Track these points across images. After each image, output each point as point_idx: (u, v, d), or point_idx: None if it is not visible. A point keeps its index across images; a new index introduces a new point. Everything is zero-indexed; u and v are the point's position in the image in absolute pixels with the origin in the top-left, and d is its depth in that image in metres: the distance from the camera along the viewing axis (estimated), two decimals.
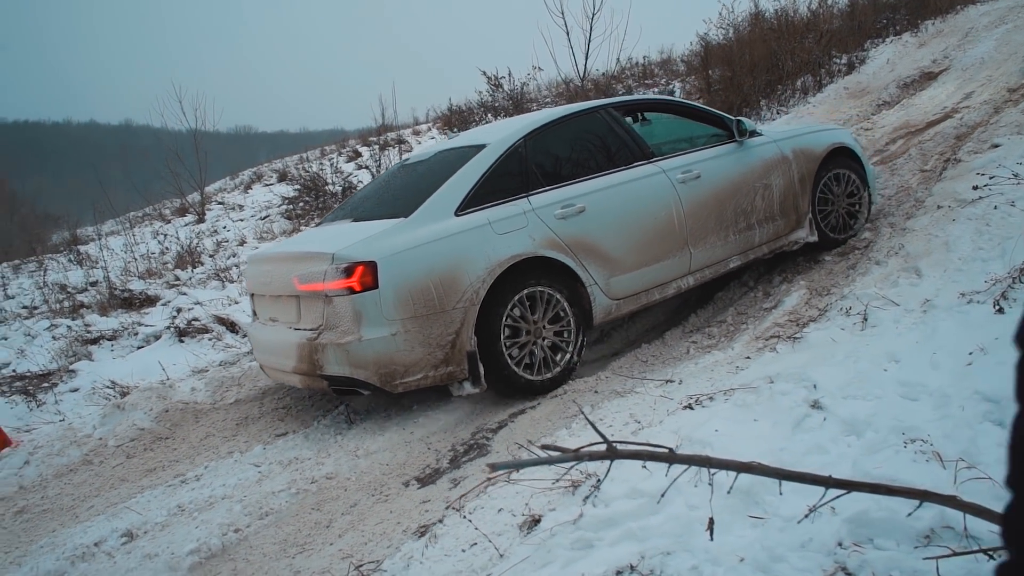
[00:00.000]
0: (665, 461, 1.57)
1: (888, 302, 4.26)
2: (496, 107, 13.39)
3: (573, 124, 4.90)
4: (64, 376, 6.03)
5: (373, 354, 3.91)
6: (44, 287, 10.06)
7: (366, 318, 3.90)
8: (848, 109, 9.75)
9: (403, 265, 3.98)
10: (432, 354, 4.03)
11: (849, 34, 12.06)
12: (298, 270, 4.16)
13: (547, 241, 4.36)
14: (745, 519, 2.56)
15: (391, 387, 3.98)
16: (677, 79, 14.21)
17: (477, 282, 4.10)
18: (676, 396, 3.82)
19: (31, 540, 3.67)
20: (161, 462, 4.30)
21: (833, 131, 5.99)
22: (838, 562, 2.25)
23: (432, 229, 4.13)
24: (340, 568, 2.95)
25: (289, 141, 45.96)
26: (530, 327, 4.30)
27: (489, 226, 4.24)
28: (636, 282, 4.72)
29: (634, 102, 5.49)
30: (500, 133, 4.71)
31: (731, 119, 5.33)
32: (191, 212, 15.74)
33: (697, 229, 4.95)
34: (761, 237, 5.33)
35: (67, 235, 15.65)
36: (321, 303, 4.03)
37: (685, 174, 4.93)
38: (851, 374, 3.42)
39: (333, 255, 3.96)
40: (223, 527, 3.42)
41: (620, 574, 2.44)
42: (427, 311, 3.99)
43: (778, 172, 5.40)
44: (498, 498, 3.14)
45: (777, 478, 1.65)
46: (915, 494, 1.68)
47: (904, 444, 2.75)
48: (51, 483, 4.20)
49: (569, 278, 4.45)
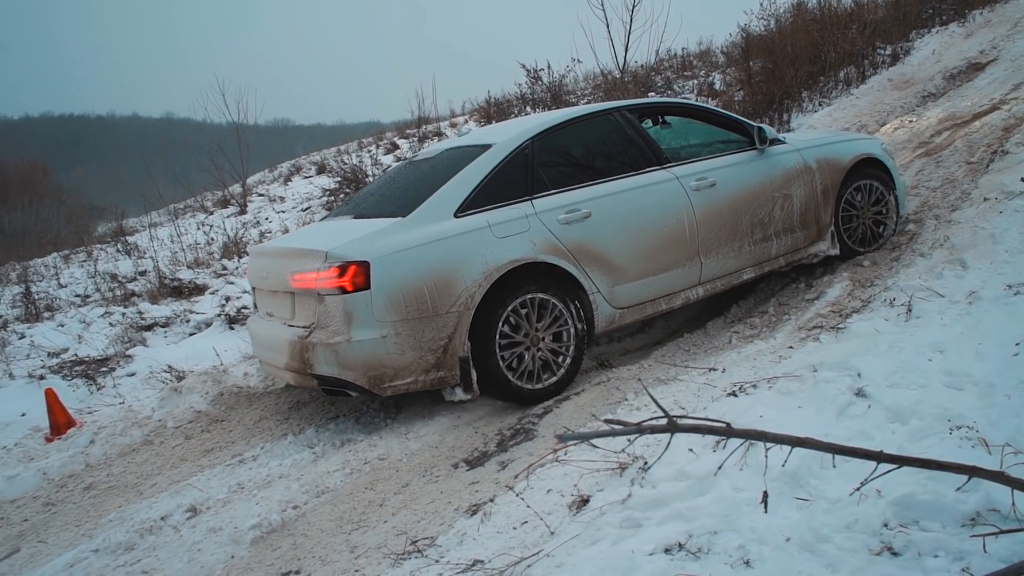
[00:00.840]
0: (723, 435, 1.65)
1: (933, 293, 4.28)
2: (535, 99, 13.45)
3: (584, 126, 4.77)
4: (121, 361, 6.26)
5: (362, 356, 3.86)
6: (96, 276, 10.37)
7: (357, 319, 3.84)
8: (892, 101, 9.66)
9: (397, 266, 3.91)
10: (423, 358, 3.96)
11: (894, 24, 11.90)
12: (293, 266, 4.12)
13: (549, 246, 4.26)
14: (791, 501, 2.63)
15: (380, 390, 3.93)
16: (717, 71, 14.12)
17: (473, 286, 4.02)
18: (719, 384, 3.89)
19: (99, 515, 3.86)
20: (218, 443, 4.47)
21: (861, 141, 5.80)
22: (884, 542, 2.31)
23: (429, 230, 4.05)
24: (395, 543, 3.08)
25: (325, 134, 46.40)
26: (529, 334, 4.21)
27: (488, 229, 4.15)
28: (642, 291, 4.60)
29: (650, 105, 5.34)
30: (507, 133, 4.60)
31: (752, 125, 5.19)
32: (233, 204, 16.04)
33: (709, 239, 4.82)
34: (778, 249, 5.18)
35: (113, 226, 16.05)
36: (314, 301, 3.99)
37: (699, 181, 4.80)
38: (895, 363, 3.46)
39: (327, 253, 3.90)
40: (282, 504, 3.57)
41: (668, 551, 2.52)
42: (420, 314, 3.92)
43: (799, 182, 5.24)
44: (547, 479, 3.23)
45: (830, 452, 1.73)
46: (964, 469, 1.75)
47: (950, 431, 2.80)
48: (115, 462, 4.39)
49: (571, 285, 4.36)
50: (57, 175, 35.17)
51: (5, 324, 8.49)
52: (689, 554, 2.48)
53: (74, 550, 3.49)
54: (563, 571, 2.49)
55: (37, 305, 9.23)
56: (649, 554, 2.51)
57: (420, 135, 15.87)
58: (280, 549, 3.26)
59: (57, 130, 70.00)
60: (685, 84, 13.76)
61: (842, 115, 9.60)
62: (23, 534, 3.79)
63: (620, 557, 2.51)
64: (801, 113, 10.34)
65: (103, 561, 3.37)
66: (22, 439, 4.87)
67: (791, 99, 10.51)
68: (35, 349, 7.03)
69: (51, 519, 3.90)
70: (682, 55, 16.43)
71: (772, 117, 10.32)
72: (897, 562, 2.24)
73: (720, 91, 11.98)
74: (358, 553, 3.12)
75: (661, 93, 13.34)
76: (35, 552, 3.59)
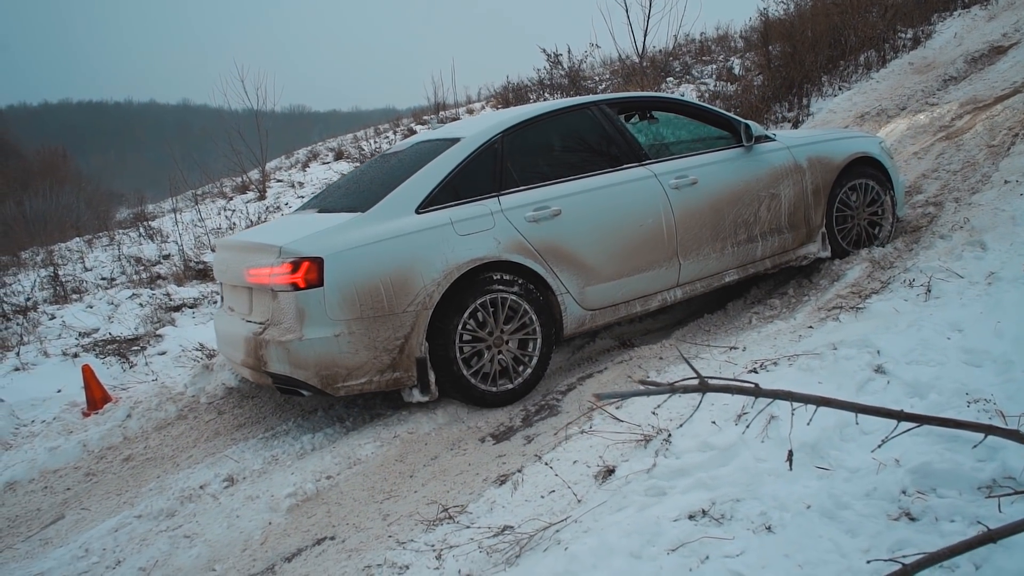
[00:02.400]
0: (751, 395, 1.74)
1: (952, 274, 4.33)
2: (553, 84, 13.51)
3: (559, 121, 4.63)
4: (152, 340, 6.42)
5: (314, 355, 3.77)
6: (120, 260, 10.57)
7: (309, 316, 3.76)
8: (912, 84, 9.63)
9: (352, 263, 3.81)
10: (378, 358, 3.87)
11: (915, 7, 11.83)
12: (249, 261, 4.06)
13: (514, 245, 4.14)
14: (812, 470, 2.72)
15: (332, 390, 3.84)
16: (735, 55, 14.09)
17: (431, 285, 3.92)
18: (740, 361, 3.97)
19: (139, 484, 4.00)
20: (251, 417, 4.60)
21: (857, 139, 5.59)
22: (902, 508, 2.40)
23: (388, 226, 3.95)
24: (427, 511, 3.19)
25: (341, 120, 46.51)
26: (492, 334, 4.11)
27: (451, 226, 4.04)
28: (614, 292, 4.47)
29: (630, 99, 5.10)
30: (477, 127, 4.49)
31: (739, 122, 5.00)
32: (252, 189, 16.20)
33: (689, 239, 4.66)
34: (764, 250, 5.00)
35: (133, 211, 16.27)
36: (269, 297, 3.93)
37: (679, 179, 4.65)
38: (914, 341, 3.53)
39: (280, 248, 3.82)
40: (316, 474, 3.69)
41: (692, 518, 2.61)
42: (374, 313, 3.82)
43: (788, 181, 5.05)
44: (572, 451, 3.34)
45: (853, 411, 1.82)
46: (981, 427, 1.83)
47: (967, 404, 2.88)
48: (152, 435, 4.54)
49: (539, 285, 4.23)
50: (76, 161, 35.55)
51: (35, 305, 8.69)
52: (712, 520, 2.58)
53: (117, 516, 3.64)
54: (591, 535, 2.59)
55: (65, 287, 9.44)
56: (674, 520, 2.61)
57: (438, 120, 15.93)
58: (315, 516, 3.39)
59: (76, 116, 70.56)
60: (703, 69, 13.75)
61: (862, 99, 9.59)
62: (67, 502, 3.95)
63: (646, 522, 2.61)
64: (821, 97, 10.33)
65: (146, 526, 3.51)
66: (60, 413, 5.03)
67: (811, 83, 10.50)
68: (66, 329, 7.21)
69: (93, 488, 4.05)
70: (700, 40, 16.40)
71: (791, 102, 10.33)
72: (915, 526, 2.33)
73: (739, 76, 11.96)
74: (390, 520, 3.24)
75: (679, 78, 13.35)
76: (79, 518, 3.75)
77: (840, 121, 9.16)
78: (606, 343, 5.00)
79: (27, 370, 5.97)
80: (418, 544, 2.92)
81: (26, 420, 5.13)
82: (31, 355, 6.28)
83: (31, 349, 6.43)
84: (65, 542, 3.52)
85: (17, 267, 12.18)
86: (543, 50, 12.96)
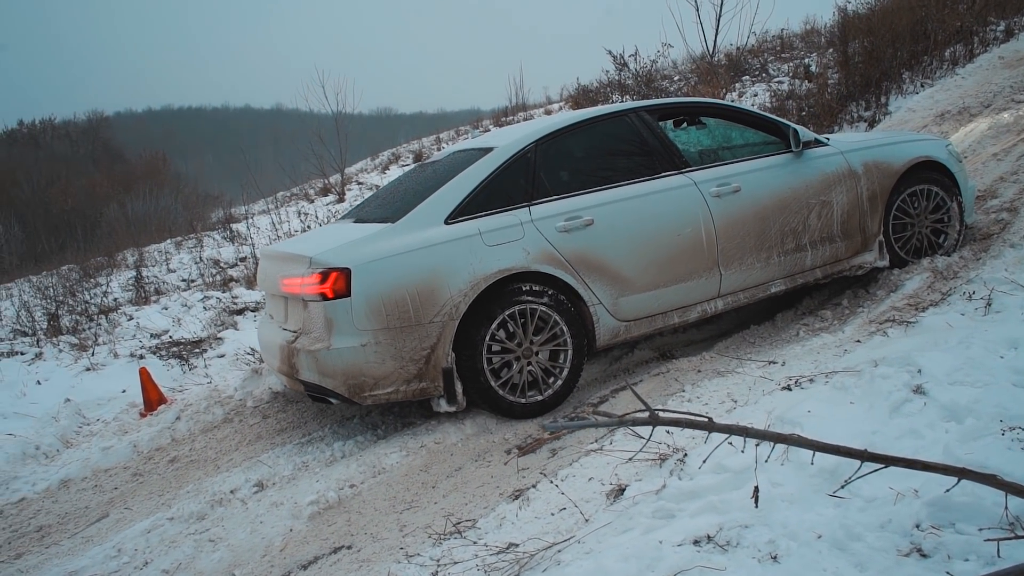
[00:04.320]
0: (704, 429, 1.66)
1: (1017, 287, 4.07)
2: (624, 86, 13.33)
3: (595, 129, 4.55)
4: (213, 343, 6.65)
5: (342, 364, 3.82)
6: (200, 262, 11.00)
7: (337, 326, 3.81)
8: (1001, 81, 9.07)
9: (379, 274, 3.84)
10: (404, 368, 3.88)
11: None
12: (284, 270, 4.13)
13: (544, 255, 4.09)
14: (826, 498, 2.58)
15: (359, 399, 3.88)
16: (815, 52, 13.59)
17: (458, 296, 3.90)
18: (776, 377, 3.82)
19: (179, 486, 4.15)
20: (292, 422, 4.71)
21: (919, 142, 5.29)
22: (914, 543, 2.25)
23: (417, 237, 3.97)
24: (440, 524, 3.19)
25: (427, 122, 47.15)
26: (521, 345, 4.07)
27: (479, 236, 4.02)
28: (650, 303, 4.36)
29: (671, 105, 4.94)
30: (511, 136, 4.45)
31: (788, 126, 4.82)
32: (333, 192, 16.61)
33: (731, 248, 4.52)
34: (814, 260, 4.80)
35: (223, 214, 16.94)
36: (301, 306, 4.00)
37: (721, 187, 4.51)
38: (961, 360, 3.31)
39: (311, 259, 3.90)
40: (340, 482, 3.74)
41: (697, 543, 2.52)
42: (401, 323, 3.84)
43: (841, 187, 4.83)
44: (589, 467, 3.28)
45: (812, 449, 1.71)
46: (953, 471, 1.69)
47: (1002, 432, 2.68)
48: (198, 437, 4.69)
49: (570, 296, 4.17)
50: (176, 165, 37.26)
51: (117, 306, 9.13)
52: (717, 547, 2.48)
53: (152, 517, 3.78)
54: (590, 558, 2.53)
55: (146, 289, 9.89)
56: (677, 545, 2.52)
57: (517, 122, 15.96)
58: (335, 525, 3.43)
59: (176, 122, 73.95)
60: (781, 67, 13.32)
61: (944, 97, 9.10)
62: (112, 501, 4.12)
63: (647, 546, 2.53)
64: (901, 95, 9.85)
65: (177, 528, 3.63)
66: (119, 414, 5.26)
67: (890, 80, 10.03)
68: (140, 331, 7.55)
69: (138, 488, 4.22)
70: (782, 36, 15.90)
71: (869, 100, 9.89)
72: (925, 564, 2.18)
73: (816, 74, 11.53)
74: (406, 532, 3.25)
75: (755, 77, 12.97)
76: (120, 518, 3.90)
77: (919, 121, 8.72)
78: (645, 354, 4.89)
79: (96, 370, 6.27)
80: (423, 559, 2.92)
81: (91, 419, 5.38)
82: (102, 356, 6.60)
83: (103, 350, 6.75)
84: (103, 541, 3.67)
85: (111, 268, 12.87)
86: (609, 52, 12.82)
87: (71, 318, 8.51)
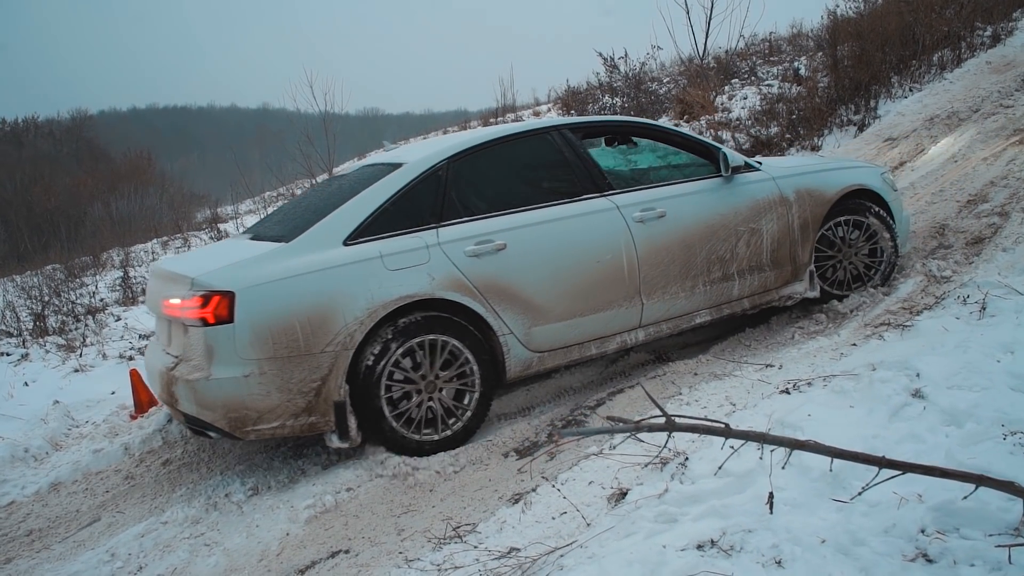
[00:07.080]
0: (721, 435, 1.65)
1: (1011, 291, 4.09)
2: (614, 88, 13.36)
3: (514, 146, 4.29)
4: None
5: (222, 396, 3.52)
6: None
7: (218, 355, 3.51)
8: (989, 85, 9.16)
9: (266, 299, 3.55)
10: (292, 401, 3.59)
11: (995, 3, 11.26)
12: (167, 290, 3.82)
13: (450, 281, 3.84)
14: (830, 503, 2.58)
15: (241, 434, 3.59)
16: (805, 55, 13.66)
17: (353, 324, 3.63)
18: (774, 380, 3.83)
19: (172, 489, 4.10)
20: None
21: (853, 170, 5.13)
22: (919, 548, 2.25)
23: (311, 259, 3.68)
24: (439, 528, 3.17)
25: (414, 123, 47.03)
26: (425, 377, 3.83)
27: (380, 260, 3.75)
28: (565, 333, 4.14)
29: (596, 124, 4.71)
30: (422, 152, 4.18)
31: (717, 149, 4.62)
32: None
33: (654, 276, 4.31)
34: (742, 290, 4.61)
35: (210, 213, 16.83)
36: (182, 331, 3.70)
37: (645, 212, 4.29)
38: (959, 364, 3.33)
39: (192, 280, 3.59)
40: (336, 486, 3.70)
41: (700, 547, 2.51)
42: (289, 353, 3.55)
43: (772, 215, 4.65)
44: (590, 471, 3.27)
45: (830, 456, 1.70)
46: (971, 478, 1.69)
47: (1003, 436, 2.69)
48: (191, 439, 4.64)
49: (478, 325, 3.94)
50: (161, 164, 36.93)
51: (104, 307, 9.05)
52: (721, 551, 2.47)
53: (146, 521, 3.73)
54: (592, 563, 2.52)
55: (133, 289, 9.81)
56: (680, 549, 2.51)
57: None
58: (333, 528, 3.40)
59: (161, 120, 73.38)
60: (769, 70, 13.39)
61: (933, 101, 9.18)
62: (104, 504, 4.07)
63: (651, 551, 2.52)
64: (890, 99, 9.92)
65: (171, 532, 3.59)
66: (109, 416, 5.20)
67: (879, 84, 10.10)
68: (128, 331, 7.48)
69: (130, 491, 4.17)
70: (770, 39, 15.98)
71: (858, 104, 9.95)
72: (931, 569, 2.18)
73: (805, 77, 11.59)
74: (404, 536, 3.22)
75: (744, 80, 13.03)
76: (112, 521, 3.85)
77: (909, 125, 8.78)
78: (640, 357, 4.89)
79: (85, 372, 6.21)
80: (424, 563, 2.89)
81: (80, 421, 5.32)
82: (91, 357, 6.53)
83: (91, 351, 6.68)
84: (96, 545, 3.62)
85: (96, 268, 12.75)
86: (599, 54, 12.85)
87: (57, 318, 8.43)
